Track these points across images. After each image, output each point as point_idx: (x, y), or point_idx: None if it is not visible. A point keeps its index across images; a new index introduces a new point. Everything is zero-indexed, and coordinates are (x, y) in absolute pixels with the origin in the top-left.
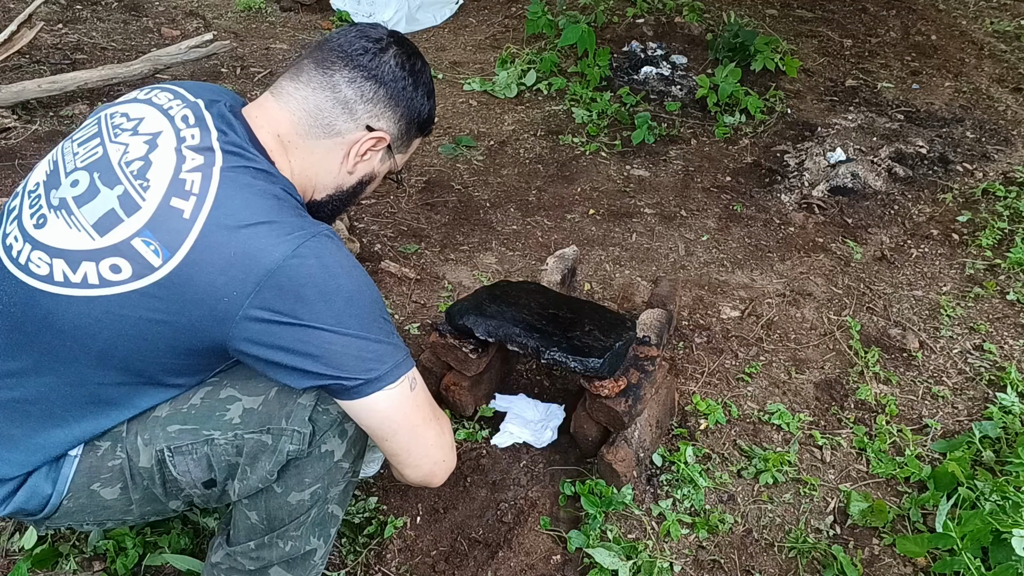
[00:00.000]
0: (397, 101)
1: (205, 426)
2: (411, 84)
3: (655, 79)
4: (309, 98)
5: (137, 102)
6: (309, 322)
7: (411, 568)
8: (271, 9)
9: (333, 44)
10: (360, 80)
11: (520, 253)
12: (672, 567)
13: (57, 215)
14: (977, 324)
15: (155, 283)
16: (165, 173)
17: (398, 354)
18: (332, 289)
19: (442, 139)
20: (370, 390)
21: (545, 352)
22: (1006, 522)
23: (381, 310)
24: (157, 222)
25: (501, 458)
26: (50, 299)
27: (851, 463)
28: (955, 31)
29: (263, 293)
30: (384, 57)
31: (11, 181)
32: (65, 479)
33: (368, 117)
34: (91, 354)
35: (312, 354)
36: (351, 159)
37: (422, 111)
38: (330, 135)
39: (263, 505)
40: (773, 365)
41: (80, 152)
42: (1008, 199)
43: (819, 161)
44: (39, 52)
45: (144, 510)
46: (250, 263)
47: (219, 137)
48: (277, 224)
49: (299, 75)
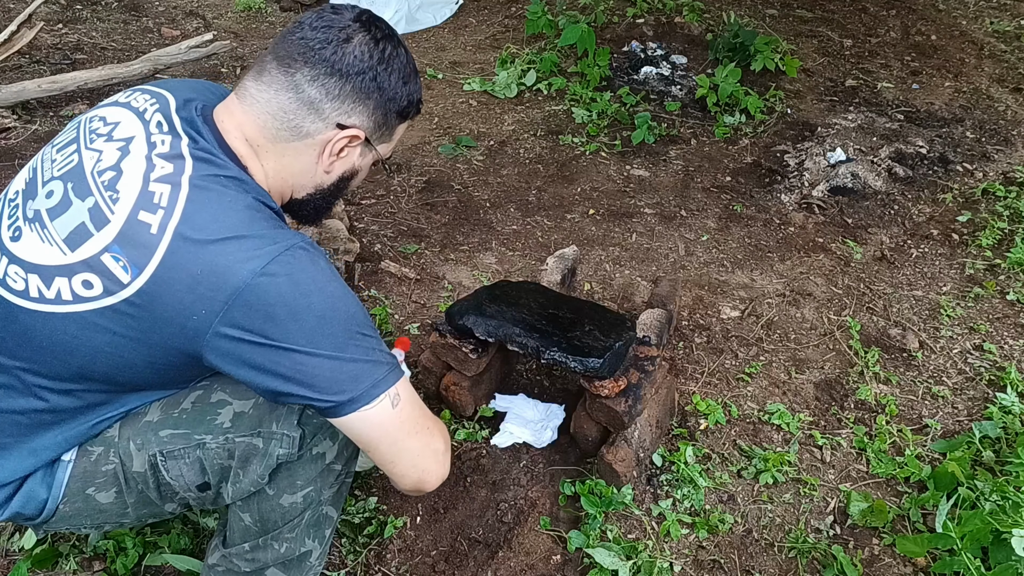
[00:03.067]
0: (367, 93)
1: (197, 430)
2: (383, 71)
3: (655, 79)
4: (272, 100)
5: (116, 105)
6: (279, 342)
7: (411, 568)
8: (271, 9)
9: (295, 37)
10: (323, 77)
11: (520, 253)
12: (672, 567)
13: (31, 228)
14: (977, 324)
15: (125, 300)
16: (134, 184)
17: (376, 372)
18: (303, 307)
19: (442, 139)
20: (346, 411)
21: (545, 352)
22: (1006, 522)
23: (359, 326)
24: (125, 237)
25: (501, 458)
26: (27, 315)
27: (851, 463)
28: (955, 31)
29: (232, 312)
30: (348, 48)
31: (11, 181)
32: (60, 484)
33: (337, 115)
34: (72, 368)
35: (283, 375)
36: (326, 159)
37: (398, 98)
38: (300, 137)
39: (256, 507)
40: (773, 365)
41: (58, 159)
42: (1008, 199)
43: (819, 161)
44: (39, 52)
45: (140, 513)
46: (218, 281)
47: (189, 144)
48: (247, 239)
49: (261, 75)
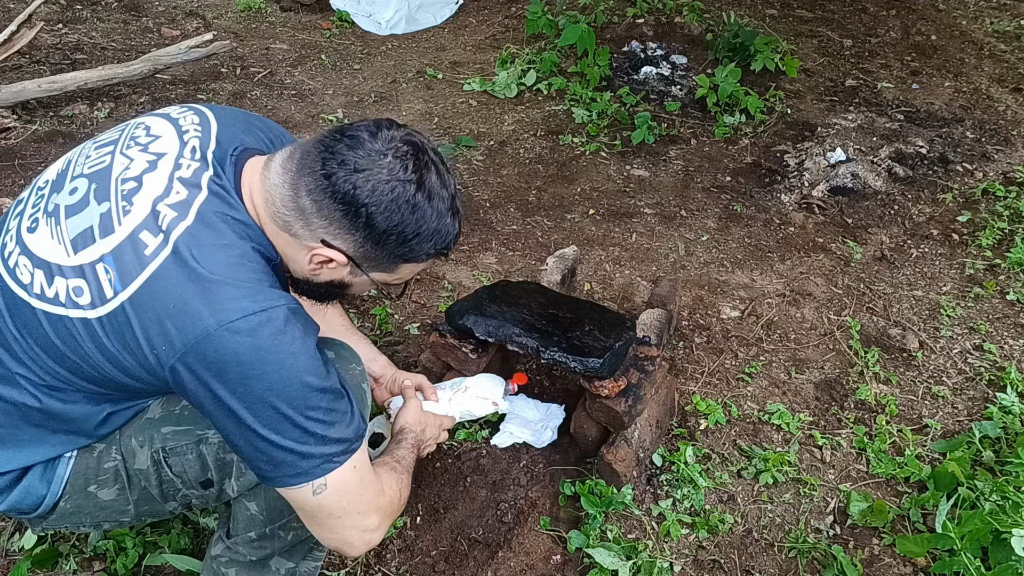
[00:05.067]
0: (356, 227)
1: (198, 426)
2: (382, 217)
3: (655, 79)
4: (278, 188)
5: (166, 119)
6: (222, 398)
7: (411, 568)
8: (271, 9)
9: (328, 141)
10: (320, 192)
11: (520, 253)
12: (672, 567)
13: (47, 222)
14: (977, 324)
15: (104, 316)
16: (147, 201)
17: (301, 464)
18: (255, 376)
19: (442, 139)
20: (268, 481)
21: (545, 352)
22: (1006, 522)
23: (309, 407)
24: (121, 250)
25: (501, 458)
26: (29, 310)
27: (851, 463)
28: (955, 31)
29: (187, 357)
30: (357, 178)
31: (11, 181)
32: (60, 480)
33: (323, 232)
34: (66, 366)
35: (217, 425)
36: (312, 263)
37: (395, 245)
38: (288, 231)
39: (263, 496)
40: (773, 365)
41: (92, 156)
42: (1008, 199)
43: (819, 161)
44: (39, 52)
45: (141, 510)
46: (184, 322)
47: (212, 177)
48: (227, 286)
49: (290, 158)
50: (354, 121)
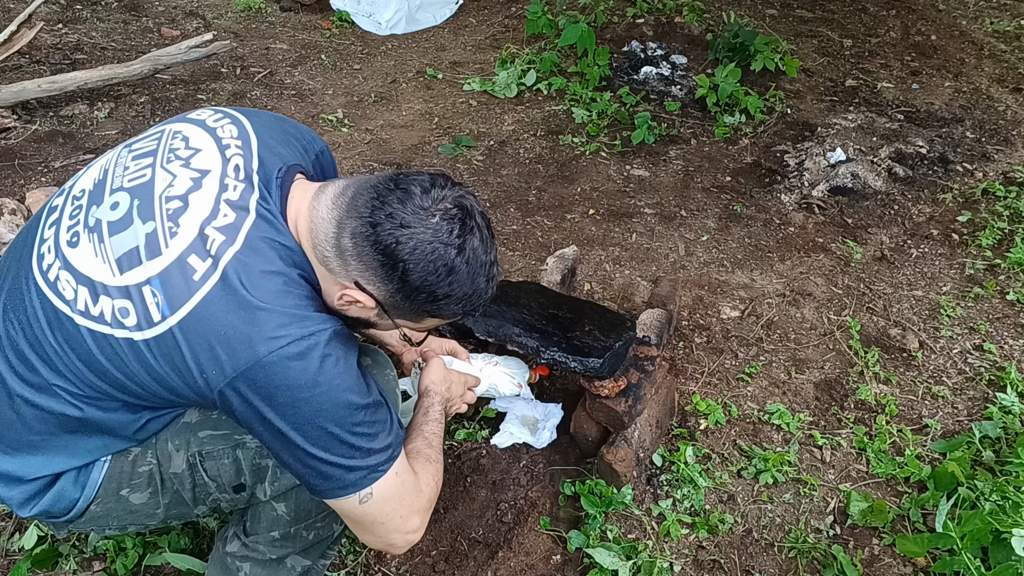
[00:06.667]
0: (390, 278)
1: (236, 431)
2: (418, 275)
3: (655, 79)
4: (324, 222)
5: (202, 128)
6: (271, 420)
7: (411, 568)
8: (271, 9)
9: (381, 188)
10: (362, 238)
11: (520, 253)
12: (672, 567)
13: (90, 237)
14: (977, 324)
15: (152, 339)
16: (195, 223)
17: (348, 476)
18: (304, 399)
19: (442, 139)
20: (317, 493)
21: (545, 352)
22: (1006, 522)
23: (355, 424)
24: (169, 274)
25: (501, 458)
26: (72, 325)
27: (851, 463)
28: (955, 31)
29: (237, 382)
30: (402, 233)
31: (11, 181)
32: (94, 484)
33: (358, 275)
34: (108, 381)
35: (267, 444)
36: (342, 300)
37: (431, 304)
38: (326, 266)
39: (293, 498)
40: (773, 365)
41: (131, 168)
42: (1008, 199)
43: (819, 161)
44: (39, 52)
45: (170, 514)
46: (234, 349)
47: (259, 200)
48: (275, 314)
49: (341, 194)
50: (411, 172)
